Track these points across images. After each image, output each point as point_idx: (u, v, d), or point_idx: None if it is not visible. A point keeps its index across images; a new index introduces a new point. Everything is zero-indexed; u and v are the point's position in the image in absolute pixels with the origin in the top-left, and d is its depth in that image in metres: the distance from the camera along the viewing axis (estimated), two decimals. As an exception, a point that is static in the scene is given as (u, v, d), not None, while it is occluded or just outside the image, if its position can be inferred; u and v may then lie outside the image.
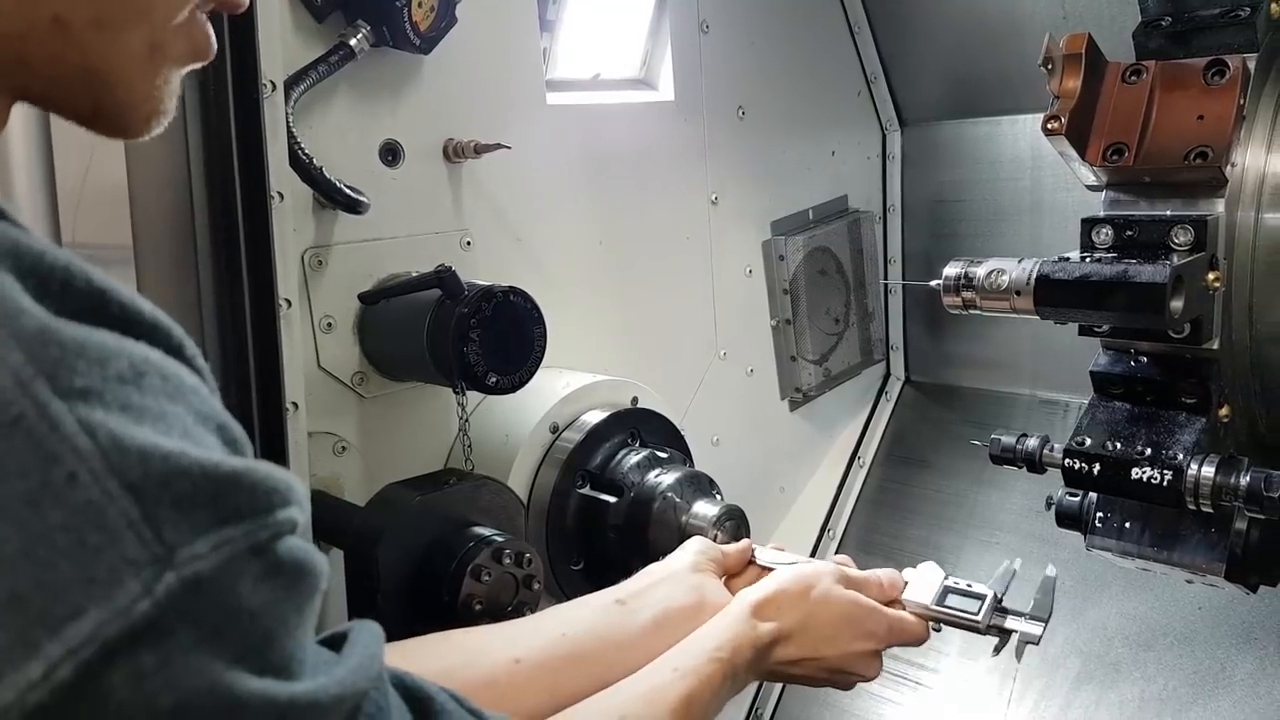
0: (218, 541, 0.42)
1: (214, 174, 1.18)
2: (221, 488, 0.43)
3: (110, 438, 0.40)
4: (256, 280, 1.20)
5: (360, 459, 1.49)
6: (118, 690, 0.38)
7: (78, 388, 0.40)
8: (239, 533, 0.43)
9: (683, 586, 1.01)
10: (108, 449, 0.40)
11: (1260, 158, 1.28)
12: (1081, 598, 2.03)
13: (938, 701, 2.05)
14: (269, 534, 0.45)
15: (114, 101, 0.55)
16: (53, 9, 0.50)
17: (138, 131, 0.57)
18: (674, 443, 1.64)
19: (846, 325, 2.43)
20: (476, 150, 1.58)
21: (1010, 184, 2.33)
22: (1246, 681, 1.80)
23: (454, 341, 1.35)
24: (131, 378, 0.43)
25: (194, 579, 0.41)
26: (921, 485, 2.42)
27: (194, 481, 0.42)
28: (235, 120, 1.17)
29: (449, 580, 1.26)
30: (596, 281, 1.87)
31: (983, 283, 1.28)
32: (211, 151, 1.17)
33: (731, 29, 2.11)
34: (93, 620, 0.38)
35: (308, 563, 0.47)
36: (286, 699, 0.43)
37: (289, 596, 0.46)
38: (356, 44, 1.40)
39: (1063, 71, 1.27)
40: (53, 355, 0.40)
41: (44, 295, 0.42)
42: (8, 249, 0.42)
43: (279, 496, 0.46)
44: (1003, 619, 1.05)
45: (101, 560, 0.39)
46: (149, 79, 0.55)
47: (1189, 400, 1.27)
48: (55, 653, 0.37)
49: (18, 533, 0.37)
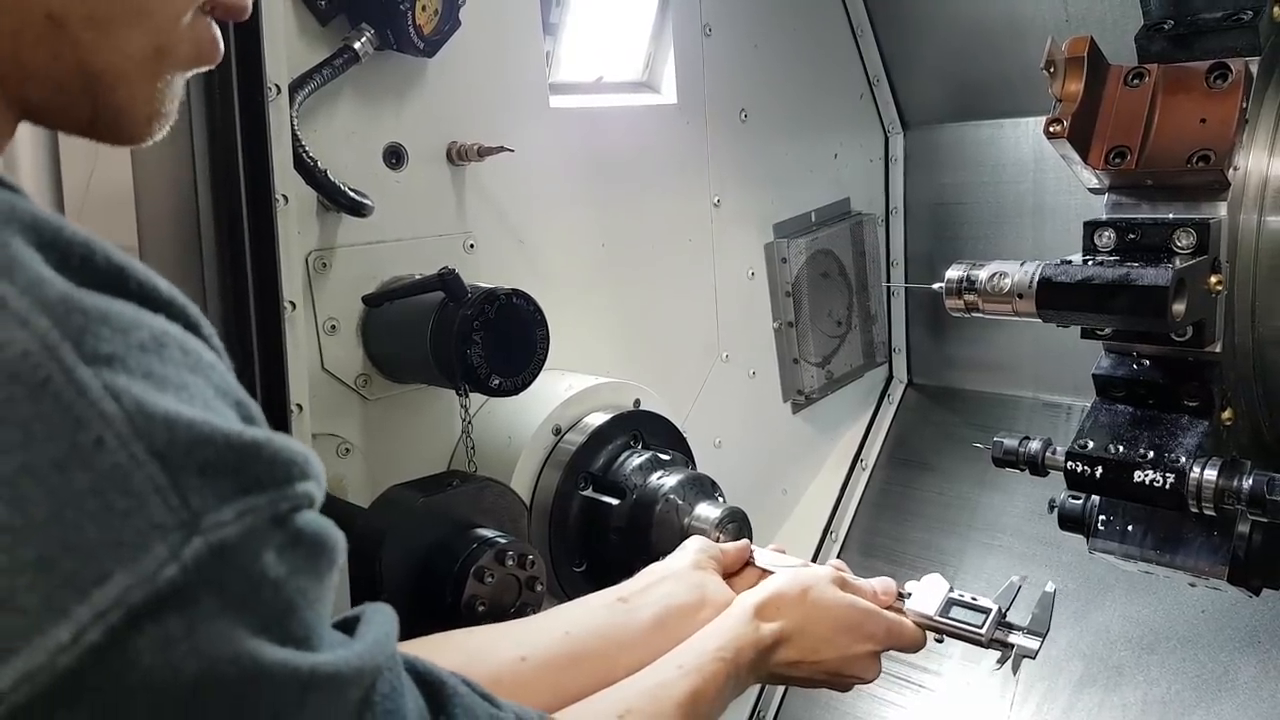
0: (242, 510, 0.42)
1: (219, 177, 1.18)
2: (244, 457, 0.43)
3: (135, 403, 0.40)
4: (261, 283, 1.20)
5: (364, 461, 1.50)
6: (144, 656, 0.38)
7: (103, 354, 0.40)
8: (263, 502, 0.43)
9: (685, 584, 1.02)
10: (133, 414, 0.40)
11: (1263, 161, 1.28)
12: (1084, 601, 2.03)
13: (940, 704, 2.05)
14: (290, 505, 0.45)
15: (113, 104, 0.54)
16: (46, 6, 0.49)
17: (139, 136, 0.57)
18: (676, 445, 1.64)
19: (849, 328, 2.43)
20: (480, 153, 1.58)
21: (1013, 187, 2.33)
22: (1250, 685, 1.80)
23: (457, 344, 1.35)
24: (153, 347, 0.43)
25: (219, 546, 0.41)
26: (924, 488, 2.42)
27: (218, 449, 0.42)
28: (240, 123, 1.17)
29: (452, 582, 1.26)
30: (599, 284, 1.87)
31: (985, 285, 1.29)
32: (216, 154, 1.18)
33: (734, 32, 2.11)
34: (120, 584, 0.38)
35: (327, 536, 0.47)
36: (308, 669, 0.43)
37: (310, 568, 0.46)
38: (360, 47, 1.40)
39: (1065, 74, 1.27)
40: (77, 322, 0.40)
41: (65, 268, 0.42)
42: (28, 223, 0.42)
43: (298, 469, 0.46)
44: (1005, 633, 1.05)
45: (129, 524, 0.39)
46: (149, 81, 0.55)
47: (1191, 403, 1.27)
48: (84, 616, 0.37)
49: (46, 496, 0.38)
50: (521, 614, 1.30)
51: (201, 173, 1.18)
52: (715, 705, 0.88)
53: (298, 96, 1.32)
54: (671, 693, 0.85)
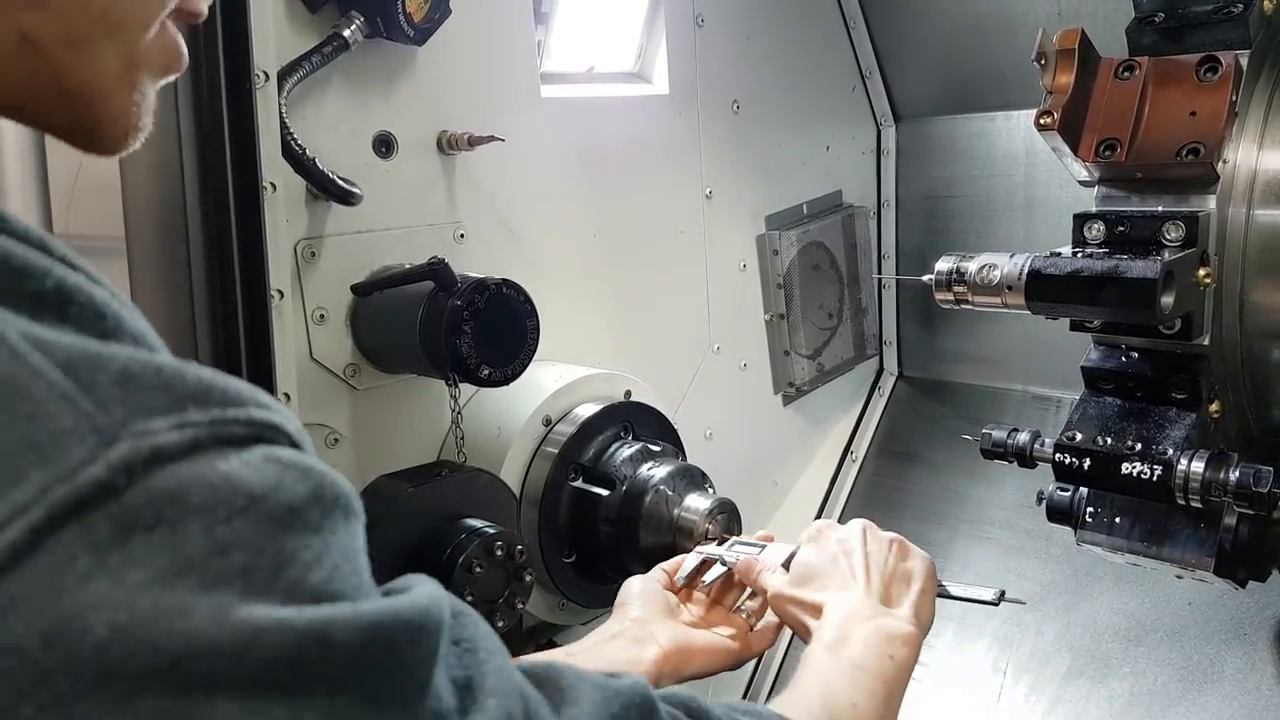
0: (179, 422, 0.39)
1: (206, 165, 1.18)
2: (172, 376, 0.40)
3: (33, 335, 0.39)
4: (248, 271, 1.20)
5: (352, 451, 1.49)
6: (79, 559, 0.36)
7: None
8: (203, 418, 0.40)
9: (627, 639, 1.05)
10: (33, 338, 0.38)
11: (1252, 154, 1.28)
12: (1072, 593, 2.04)
13: (926, 694, 2.06)
14: (244, 430, 0.41)
15: (91, 118, 0.53)
16: (19, 27, 0.48)
17: (115, 148, 0.56)
18: (667, 436, 1.64)
19: (840, 320, 2.44)
20: (470, 142, 1.58)
21: (1004, 180, 2.33)
22: (1235, 676, 1.81)
23: (447, 334, 1.35)
24: (55, 303, 0.41)
25: (155, 451, 0.38)
26: (913, 480, 2.42)
27: (140, 366, 0.40)
28: (228, 111, 1.17)
29: (440, 572, 1.26)
30: (590, 275, 1.87)
31: (974, 278, 1.29)
32: (204, 142, 1.17)
33: (727, 23, 2.11)
34: (37, 483, 0.36)
35: (322, 475, 0.43)
36: (306, 622, 0.38)
37: (298, 514, 0.41)
38: (350, 35, 1.39)
39: (1056, 67, 1.27)
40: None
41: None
42: None
43: (247, 397, 0.42)
44: None
45: (37, 428, 0.37)
46: (126, 95, 0.54)
47: (1179, 396, 1.27)
48: (1, 512, 0.36)
49: None
50: (510, 604, 1.30)
51: (189, 160, 1.17)
52: None
53: (286, 84, 1.31)
54: None
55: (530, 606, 1.41)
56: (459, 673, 0.46)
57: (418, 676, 0.42)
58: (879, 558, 1.03)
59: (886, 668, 0.90)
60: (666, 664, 1.02)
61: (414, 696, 0.42)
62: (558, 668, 0.55)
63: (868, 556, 1.03)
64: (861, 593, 0.99)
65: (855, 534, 1.06)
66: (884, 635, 0.93)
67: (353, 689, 0.39)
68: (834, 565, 1.03)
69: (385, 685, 0.40)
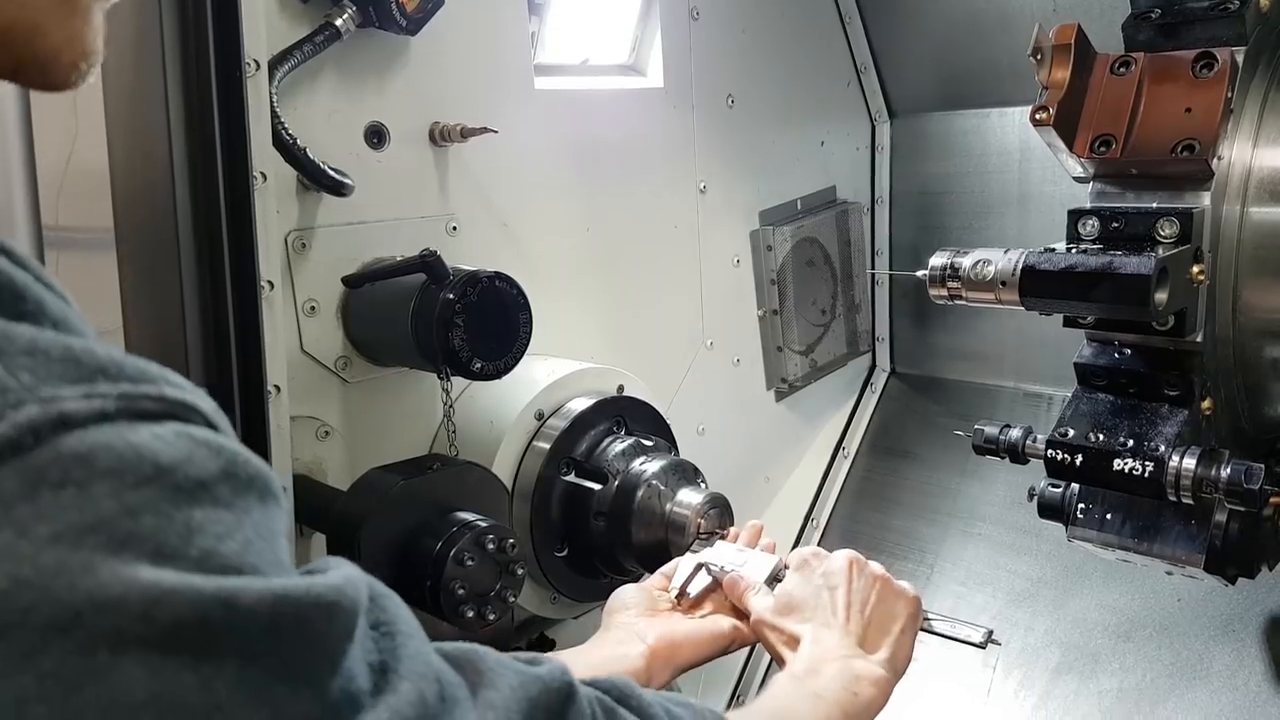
0: (87, 392, 0.39)
1: (196, 154, 1.16)
2: (80, 352, 0.40)
3: None
4: (238, 262, 1.19)
5: (343, 443, 1.48)
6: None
7: None
8: (111, 390, 0.40)
9: (613, 641, 1.04)
10: None
11: (1247, 152, 1.28)
12: (1062, 589, 2.04)
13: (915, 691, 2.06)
14: (155, 405, 0.41)
15: (34, 54, 0.51)
16: None
17: (66, 83, 0.53)
18: (659, 431, 1.64)
19: (833, 316, 2.44)
20: (463, 134, 1.57)
21: (998, 176, 2.33)
22: (1224, 673, 1.82)
23: (439, 327, 1.34)
24: None
25: (61, 417, 0.38)
26: (905, 476, 2.43)
27: (46, 342, 0.40)
28: (218, 100, 1.15)
29: (432, 565, 1.25)
30: (583, 268, 1.86)
31: (968, 273, 1.28)
32: (193, 131, 1.16)
33: (722, 16, 2.10)
34: None
35: (235, 455, 0.42)
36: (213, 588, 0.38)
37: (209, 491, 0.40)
38: (342, 24, 1.38)
39: (1051, 62, 1.27)
40: None
41: None
42: None
43: (156, 375, 0.42)
44: None
45: None
46: (67, 23, 0.51)
47: (1172, 393, 1.28)
48: None
49: None
50: (501, 598, 1.30)
51: (178, 149, 1.16)
52: None
53: (277, 73, 1.30)
54: None
55: (522, 600, 1.40)
56: (374, 655, 0.46)
57: (331, 654, 0.42)
58: (862, 596, 1.02)
59: (848, 701, 0.90)
60: (655, 659, 1.02)
61: (326, 673, 0.42)
62: (479, 651, 0.55)
63: (850, 594, 1.02)
64: (840, 632, 0.99)
65: (841, 567, 1.05)
66: (853, 673, 0.93)
67: (263, 662, 0.39)
68: (816, 599, 1.02)
69: (297, 660, 0.40)
